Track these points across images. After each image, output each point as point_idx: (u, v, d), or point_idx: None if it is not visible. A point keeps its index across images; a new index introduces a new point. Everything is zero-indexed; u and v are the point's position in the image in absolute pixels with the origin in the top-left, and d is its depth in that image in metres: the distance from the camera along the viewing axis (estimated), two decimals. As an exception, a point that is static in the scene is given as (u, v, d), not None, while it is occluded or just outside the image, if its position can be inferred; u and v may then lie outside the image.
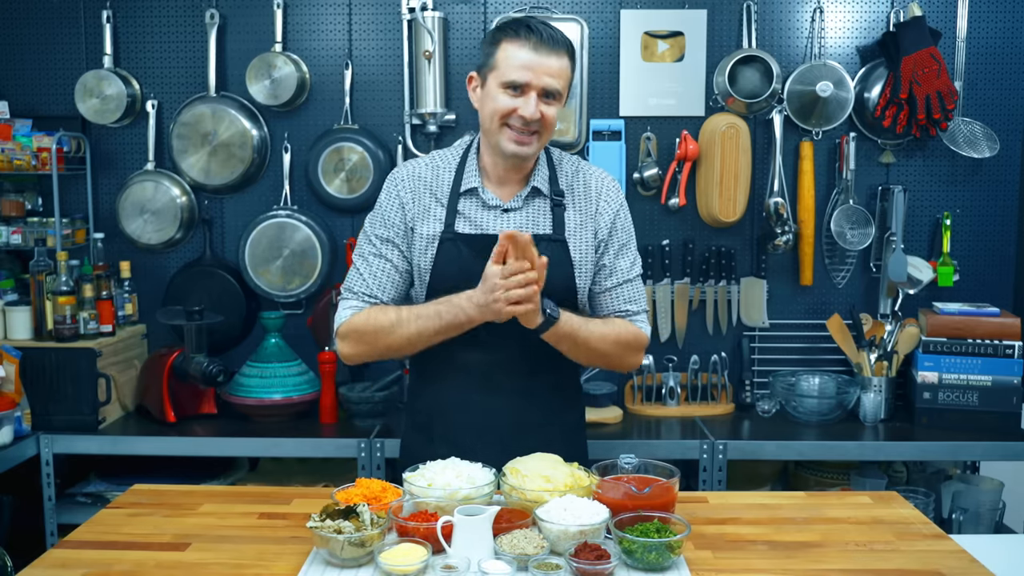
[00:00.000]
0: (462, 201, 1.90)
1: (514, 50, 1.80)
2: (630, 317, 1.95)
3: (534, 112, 1.79)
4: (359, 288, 1.91)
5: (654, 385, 3.03)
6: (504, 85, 1.80)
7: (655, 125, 3.05)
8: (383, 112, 3.08)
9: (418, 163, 1.96)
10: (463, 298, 1.79)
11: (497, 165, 1.90)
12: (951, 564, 1.54)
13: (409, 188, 1.92)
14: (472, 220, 1.90)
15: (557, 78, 1.80)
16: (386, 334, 1.85)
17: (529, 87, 1.79)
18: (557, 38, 1.82)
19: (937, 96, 2.89)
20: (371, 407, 2.83)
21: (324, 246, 3.01)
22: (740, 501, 1.88)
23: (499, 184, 1.92)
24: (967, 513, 2.78)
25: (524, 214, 1.91)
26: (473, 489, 1.62)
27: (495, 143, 1.85)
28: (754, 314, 3.07)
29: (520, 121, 1.80)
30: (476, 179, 1.90)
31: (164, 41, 3.09)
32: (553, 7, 3.04)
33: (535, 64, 1.78)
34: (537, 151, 1.86)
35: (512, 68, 1.79)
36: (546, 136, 1.85)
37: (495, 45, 1.83)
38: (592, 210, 1.93)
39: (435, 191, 1.91)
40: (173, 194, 3.06)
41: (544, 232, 1.89)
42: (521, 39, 1.80)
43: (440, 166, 1.94)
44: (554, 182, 1.93)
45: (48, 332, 2.82)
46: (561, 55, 1.81)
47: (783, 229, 2.96)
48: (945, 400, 2.85)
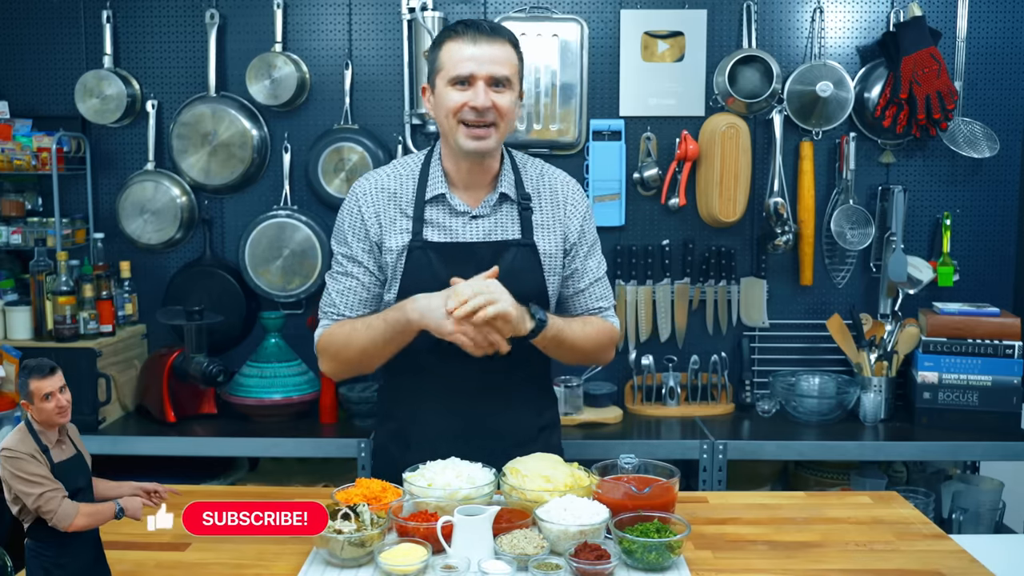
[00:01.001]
0: (429, 209, 1.89)
1: (455, 47, 1.81)
2: (602, 313, 2.00)
3: (484, 100, 1.78)
4: (329, 308, 1.95)
5: (654, 385, 3.03)
6: (451, 82, 1.80)
7: (655, 125, 3.05)
8: (383, 112, 3.08)
9: (379, 174, 1.95)
10: (408, 300, 1.80)
11: (460, 168, 1.89)
12: (951, 564, 1.54)
13: (371, 202, 1.90)
14: (441, 227, 1.89)
15: (501, 65, 1.80)
16: (344, 347, 1.90)
17: (475, 78, 1.79)
18: (496, 28, 1.84)
19: (937, 96, 2.89)
20: (371, 407, 2.83)
21: (324, 246, 3.01)
22: (740, 501, 1.88)
23: (465, 189, 1.91)
24: (967, 513, 2.78)
25: (492, 220, 1.90)
26: (473, 489, 1.62)
27: (454, 143, 1.84)
28: (754, 314, 3.07)
29: (472, 113, 1.79)
30: (443, 185, 1.89)
31: (164, 41, 3.09)
32: (553, 7, 3.04)
33: (476, 55, 1.79)
34: (496, 144, 1.84)
35: (455, 63, 1.80)
36: (504, 127, 1.83)
37: (438, 49, 1.85)
38: (560, 214, 1.94)
39: (399, 201, 1.90)
40: (173, 194, 3.06)
41: (513, 237, 1.90)
42: (459, 35, 1.81)
43: (403, 174, 1.93)
44: (520, 186, 1.93)
45: (48, 332, 2.82)
46: (502, 43, 1.82)
47: (783, 229, 2.96)
48: (945, 400, 2.85)
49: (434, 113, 1.88)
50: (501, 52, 1.81)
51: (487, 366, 1.82)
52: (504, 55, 1.81)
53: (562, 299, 1.99)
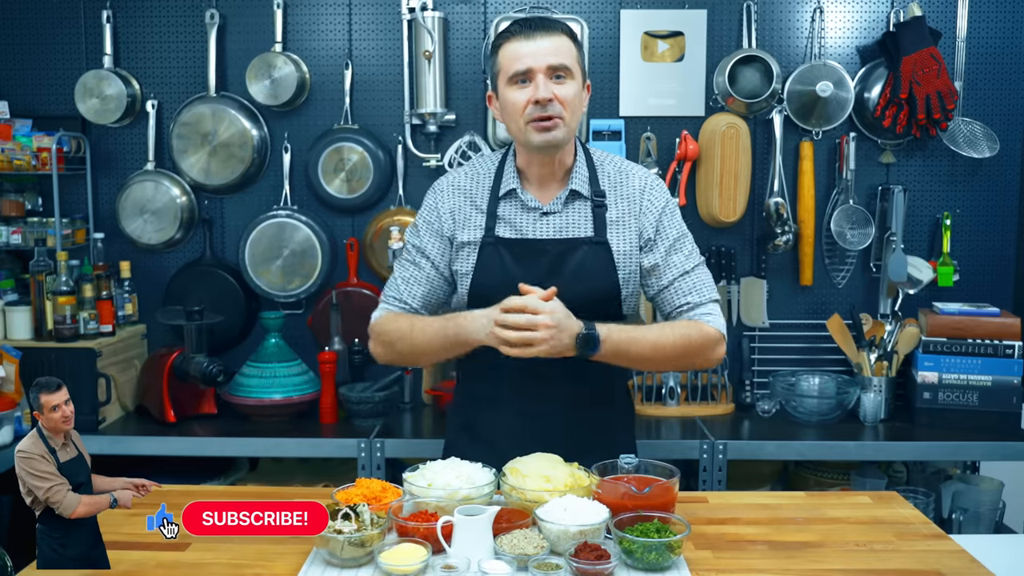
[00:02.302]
0: (502, 205, 1.90)
1: (511, 47, 1.81)
2: (693, 310, 1.89)
3: (545, 92, 1.77)
4: (392, 292, 1.95)
5: (654, 385, 3.03)
6: (511, 80, 1.81)
7: (655, 125, 3.05)
8: (383, 112, 3.08)
9: (458, 173, 1.97)
10: (465, 315, 1.81)
11: (532, 164, 1.89)
12: (951, 564, 1.54)
13: (448, 198, 1.93)
14: (512, 223, 1.89)
15: (557, 54, 1.80)
16: (399, 340, 1.89)
17: (533, 72, 1.79)
18: (550, 21, 1.84)
19: (937, 96, 2.89)
20: (371, 407, 2.83)
21: (324, 246, 3.01)
22: (740, 501, 1.88)
23: (539, 186, 1.91)
24: (967, 513, 2.78)
25: (563, 216, 1.89)
26: (473, 489, 1.62)
27: (526, 142, 1.84)
28: (754, 314, 3.07)
29: (537, 108, 1.79)
30: (515, 181, 1.90)
31: (164, 41, 3.09)
32: (553, 7, 3.04)
33: (532, 50, 1.79)
34: (565, 136, 1.83)
35: (512, 62, 1.80)
36: (571, 118, 1.82)
37: (495, 53, 1.85)
38: (636, 210, 1.91)
39: (474, 198, 1.92)
40: (173, 194, 3.06)
41: (585, 235, 1.88)
42: (514, 35, 1.82)
43: (480, 172, 1.95)
44: (594, 183, 1.91)
45: (48, 332, 2.82)
46: (557, 35, 1.81)
47: (783, 229, 2.96)
48: (945, 400, 2.85)
49: (502, 118, 1.88)
50: (557, 43, 1.80)
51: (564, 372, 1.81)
52: (557, 44, 1.80)
53: (653, 299, 1.95)
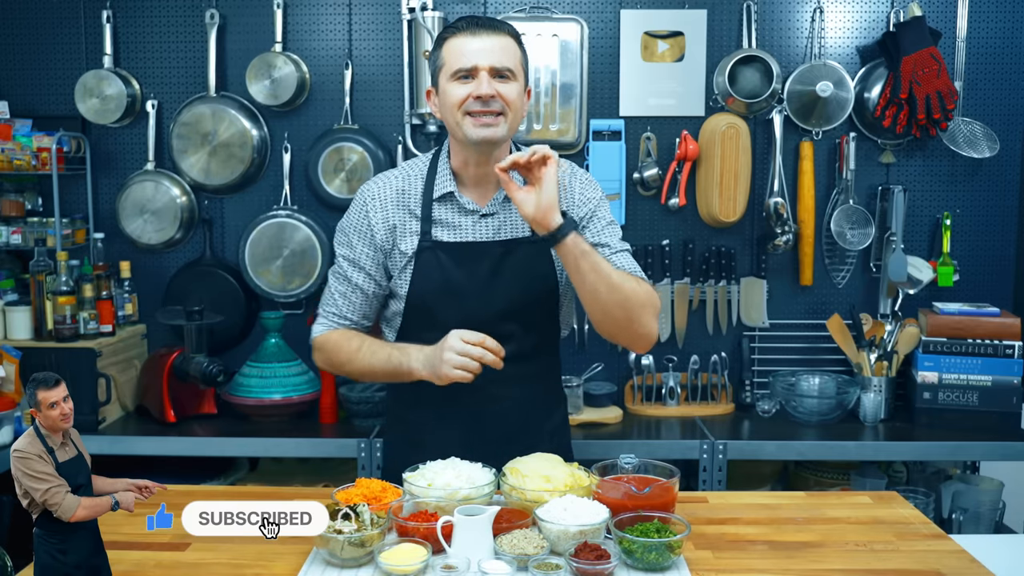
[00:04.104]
0: (437, 208, 1.89)
1: (456, 43, 1.80)
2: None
3: (488, 88, 1.76)
4: (331, 307, 1.96)
5: (654, 385, 3.03)
6: (454, 76, 1.79)
7: (655, 125, 3.05)
8: (383, 112, 3.08)
9: (388, 177, 1.94)
10: (415, 349, 1.81)
11: (468, 166, 1.87)
12: (951, 564, 1.54)
13: (380, 206, 1.90)
14: (449, 226, 1.88)
15: (503, 56, 1.79)
16: (344, 362, 1.92)
17: (477, 69, 1.78)
18: (496, 21, 1.84)
19: (937, 96, 2.89)
20: (371, 407, 2.83)
21: (324, 246, 3.01)
22: (740, 501, 1.88)
23: (474, 188, 1.90)
24: (967, 513, 2.78)
25: (502, 218, 1.89)
26: (473, 489, 1.62)
27: (463, 137, 1.81)
28: (754, 314, 3.07)
29: (478, 103, 1.77)
30: (451, 183, 1.88)
31: (164, 41, 3.09)
32: (553, 7, 3.04)
33: (477, 47, 1.78)
34: (505, 135, 1.81)
35: (456, 58, 1.79)
36: (511, 118, 1.81)
37: (439, 48, 1.84)
38: (568, 202, 1.90)
39: (408, 204, 1.89)
40: (173, 194, 3.06)
41: (523, 235, 1.89)
42: (460, 31, 1.81)
43: (411, 175, 1.92)
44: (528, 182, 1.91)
45: (48, 332, 2.82)
46: (501, 35, 1.81)
47: (783, 229, 2.96)
48: (945, 400, 2.85)
49: (440, 112, 1.86)
50: (502, 43, 1.80)
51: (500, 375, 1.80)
52: (503, 45, 1.80)
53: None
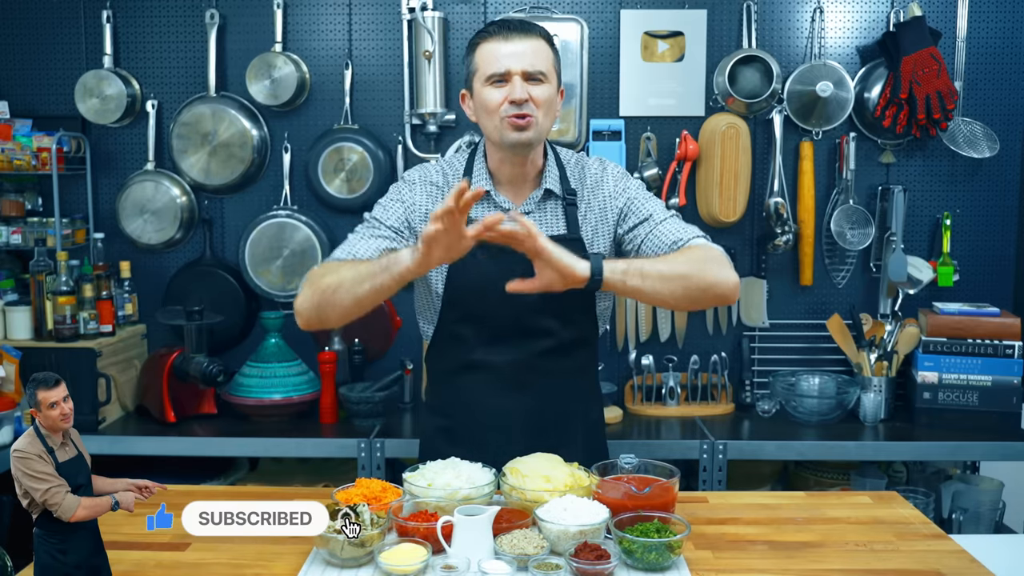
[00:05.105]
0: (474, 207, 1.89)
1: (489, 47, 1.82)
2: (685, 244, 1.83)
3: (521, 92, 1.78)
4: (339, 255, 1.86)
5: (654, 385, 3.03)
6: (487, 81, 1.81)
7: (655, 125, 3.05)
8: (383, 112, 3.08)
9: (428, 168, 1.96)
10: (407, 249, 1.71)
11: (505, 164, 1.89)
12: (951, 564, 1.54)
13: (421, 191, 1.92)
14: None
15: (536, 59, 1.80)
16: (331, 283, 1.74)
17: (510, 74, 1.79)
18: (528, 24, 1.85)
19: (937, 96, 2.89)
20: (371, 407, 2.83)
21: (324, 246, 3.01)
22: (740, 501, 1.88)
23: (511, 188, 1.92)
24: (967, 513, 2.78)
25: (537, 217, 1.90)
26: (473, 489, 1.62)
27: (499, 140, 1.84)
28: (754, 314, 3.07)
29: (512, 108, 1.79)
30: (487, 183, 1.90)
31: (164, 41, 3.09)
32: (553, 7, 3.04)
33: (510, 52, 1.80)
34: (538, 137, 1.84)
35: (490, 62, 1.81)
36: (544, 120, 1.83)
37: (472, 53, 1.86)
38: (602, 197, 1.92)
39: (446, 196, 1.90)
40: (173, 194, 3.06)
41: (559, 233, 1.89)
42: (492, 35, 1.82)
43: (448, 172, 1.95)
44: (565, 181, 1.92)
45: (48, 332, 2.82)
46: (534, 38, 1.82)
47: (783, 229, 2.96)
48: (945, 400, 2.85)
49: (475, 116, 1.89)
50: (535, 46, 1.81)
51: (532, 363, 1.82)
52: (535, 48, 1.81)
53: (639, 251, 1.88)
